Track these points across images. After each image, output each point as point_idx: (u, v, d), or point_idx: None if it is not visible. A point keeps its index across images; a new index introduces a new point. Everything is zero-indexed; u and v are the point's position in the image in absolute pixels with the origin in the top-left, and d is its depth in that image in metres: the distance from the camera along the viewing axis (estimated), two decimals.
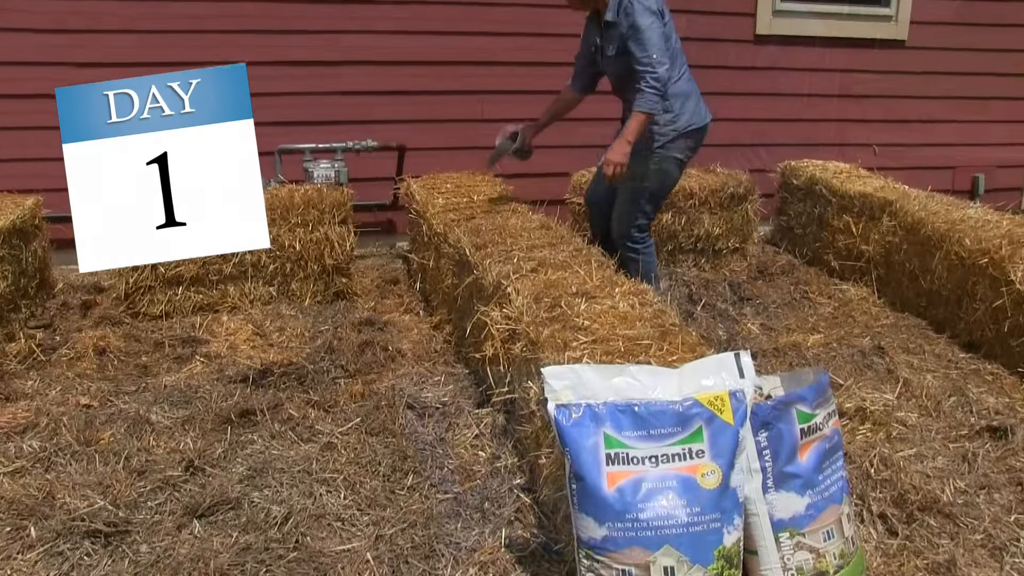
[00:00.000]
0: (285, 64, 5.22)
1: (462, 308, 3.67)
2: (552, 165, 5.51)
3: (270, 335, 3.99)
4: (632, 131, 3.56)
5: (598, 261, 3.22)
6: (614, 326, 2.58)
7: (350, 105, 5.39)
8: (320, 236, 4.38)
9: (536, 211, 4.14)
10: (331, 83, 5.34)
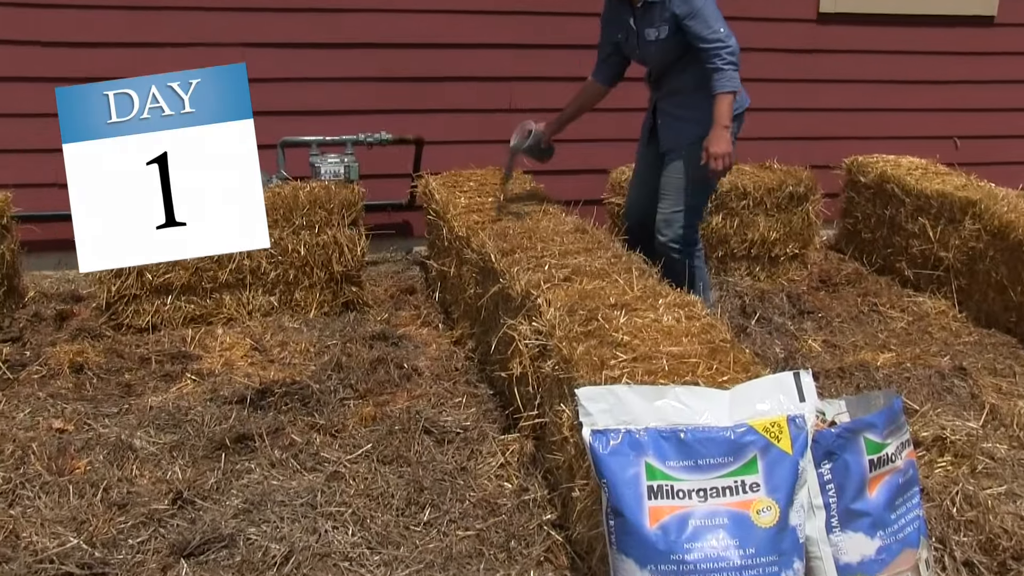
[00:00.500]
0: (288, 46, 5.27)
1: (486, 321, 3.66)
2: (588, 160, 5.51)
3: (270, 350, 4.01)
4: (725, 115, 3.67)
5: (639, 269, 3.21)
6: (657, 342, 2.57)
7: (362, 93, 5.42)
8: (328, 239, 4.40)
9: (570, 212, 4.13)
10: (341, 68, 5.38)
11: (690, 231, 3.93)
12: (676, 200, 3.90)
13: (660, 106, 3.98)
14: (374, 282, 4.99)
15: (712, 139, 3.68)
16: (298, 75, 5.27)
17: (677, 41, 3.74)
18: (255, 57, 5.20)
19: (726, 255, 5.11)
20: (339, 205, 4.40)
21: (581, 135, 5.25)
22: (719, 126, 3.68)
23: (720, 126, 3.67)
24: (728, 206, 5.02)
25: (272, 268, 4.38)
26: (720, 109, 3.66)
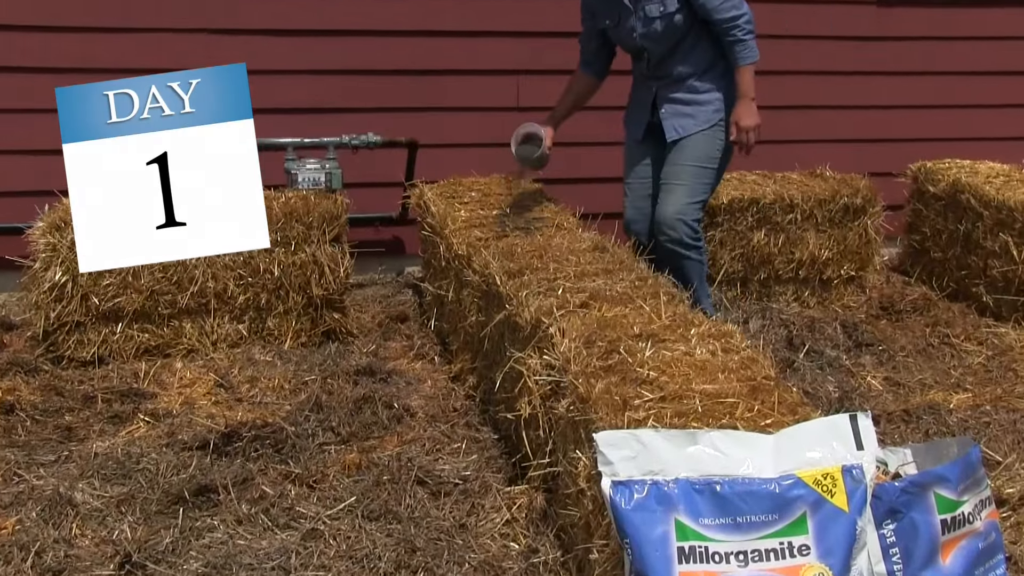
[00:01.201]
0: (259, 33, 5.31)
1: (490, 354, 3.67)
2: (605, 166, 5.52)
3: (238, 387, 4.01)
4: (751, 86, 4.01)
5: (668, 294, 3.21)
6: (689, 379, 2.56)
7: (346, 87, 5.45)
8: (306, 258, 4.42)
9: (587, 227, 4.14)
10: (322, 58, 5.41)
11: (700, 220, 4.14)
12: (690, 190, 4.07)
13: (664, 95, 4.14)
14: (360, 308, 4.99)
15: (741, 112, 3.99)
16: (271, 66, 5.30)
17: (684, 16, 3.97)
18: (221, 45, 5.25)
19: (769, 277, 5.10)
20: (319, 218, 4.42)
21: (599, 136, 5.27)
22: (746, 98, 4.00)
23: (747, 98, 4.00)
24: (772, 220, 5.02)
25: (241, 291, 4.39)
26: (745, 81, 3.99)
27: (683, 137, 4.11)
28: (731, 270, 5.02)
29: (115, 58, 5.14)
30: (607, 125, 4.89)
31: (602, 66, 4.37)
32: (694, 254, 4.11)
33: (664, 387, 2.52)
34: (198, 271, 4.29)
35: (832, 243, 5.09)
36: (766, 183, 5.21)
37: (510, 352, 3.26)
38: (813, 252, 5.07)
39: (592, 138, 5.36)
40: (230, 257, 4.31)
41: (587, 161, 5.58)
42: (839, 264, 5.13)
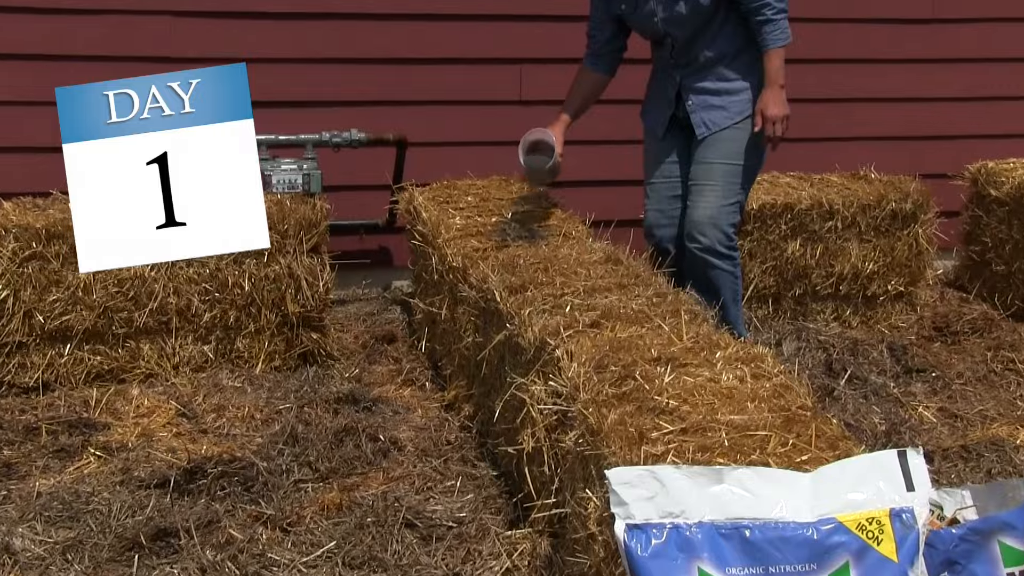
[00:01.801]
0: (228, 16, 5.32)
1: (488, 379, 3.66)
2: (618, 167, 5.52)
3: (203, 417, 4.01)
4: (780, 72, 4.03)
5: (690, 311, 3.21)
6: (714, 408, 2.56)
7: (327, 77, 5.46)
8: (280, 271, 4.42)
9: (599, 237, 4.14)
10: (299, 44, 5.41)
11: (736, 227, 4.13)
12: (723, 191, 4.07)
13: (689, 85, 4.14)
14: (341, 327, 4.99)
15: (768, 100, 3.99)
16: (241, 53, 5.25)
17: (706, 2, 3.98)
18: (185, 29, 5.26)
19: (805, 293, 5.10)
20: (295, 226, 4.42)
21: (610, 135, 5.27)
22: (774, 85, 4.01)
23: (776, 85, 4.00)
24: (808, 228, 5.02)
25: (206, 308, 4.39)
26: (774, 66, 4.00)
27: (714, 132, 4.12)
28: (762, 285, 5.02)
29: (71, 44, 5.15)
30: (620, 120, 4.89)
31: (613, 61, 4.36)
32: (726, 264, 4.10)
33: (686, 418, 2.51)
34: (158, 285, 4.28)
35: (878, 254, 5.09)
36: (802, 186, 5.21)
37: (511, 378, 3.26)
38: (856, 265, 5.07)
39: (603, 136, 5.36)
40: (194, 269, 4.32)
41: (598, 162, 5.58)
42: (886, 278, 5.12)
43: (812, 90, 5.73)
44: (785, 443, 2.40)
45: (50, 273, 4.20)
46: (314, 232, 4.46)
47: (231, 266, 4.38)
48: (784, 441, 2.40)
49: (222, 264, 4.37)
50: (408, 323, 5.12)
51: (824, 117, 5.89)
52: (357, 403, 4.08)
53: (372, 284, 5.69)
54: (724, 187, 4.08)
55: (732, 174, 4.10)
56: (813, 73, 5.74)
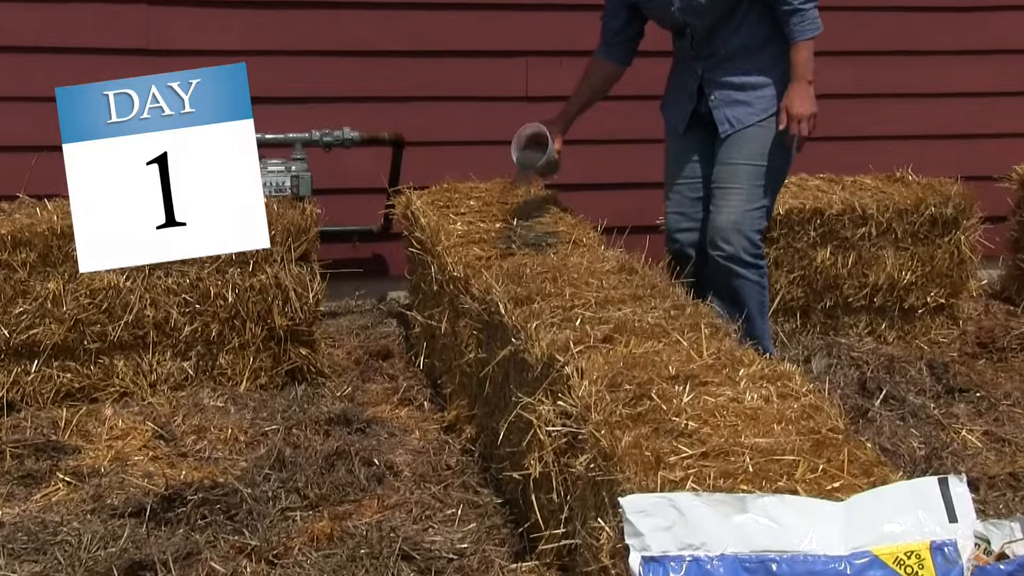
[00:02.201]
0: (210, 5, 5.33)
1: (492, 399, 3.66)
2: (633, 168, 5.53)
3: (182, 439, 4.01)
4: (807, 67, 4.03)
5: (711, 325, 3.21)
6: (737, 430, 2.55)
7: (317, 71, 5.47)
8: (266, 281, 4.42)
9: (612, 244, 4.13)
10: (287, 35, 5.42)
11: (762, 233, 4.13)
12: (749, 194, 4.07)
13: (712, 78, 4.14)
14: (333, 342, 4.99)
15: (793, 97, 3.99)
16: (225, 45, 5.31)
17: None
18: (162, 18, 5.28)
19: (837, 305, 5.10)
20: (283, 232, 4.42)
21: (625, 133, 5.27)
22: (801, 81, 4.01)
23: (803, 80, 4.01)
24: (840, 235, 5.01)
25: (186, 321, 4.40)
26: (801, 59, 4.00)
27: (738, 130, 4.12)
28: (789, 297, 5.02)
29: (36, 35, 5.17)
30: (637, 117, 4.90)
31: (627, 51, 4.37)
32: (752, 273, 4.11)
33: (706, 441, 2.51)
34: (133, 296, 4.29)
35: (916, 263, 5.08)
36: (832, 189, 5.21)
37: (517, 397, 3.25)
38: (892, 275, 5.06)
39: (618, 134, 5.37)
40: (173, 279, 4.32)
41: (612, 162, 5.59)
42: (925, 289, 5.12)
43: (844, 85, 5.73)
44: (815, 469, 2.39)
45: (16, 283, 4.22)
46: (303, 239, 4.46)
47: (213, 276, 4.38)
48: (814, 467, 2.40)
49: (203, 274, 4.37)
50: (405, 338, 5.12)
51: (856, 114, 5.90)
52: (350, 424, 4.08)
53: (366, 295, 5.69)
54: (749, 190, 4.08)
55: (758, 176, 4.10)
56: (845, 66, 5.75)
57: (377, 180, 5.41)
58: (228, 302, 4.40)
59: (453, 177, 5.07)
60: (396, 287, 5.65)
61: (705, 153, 4.24)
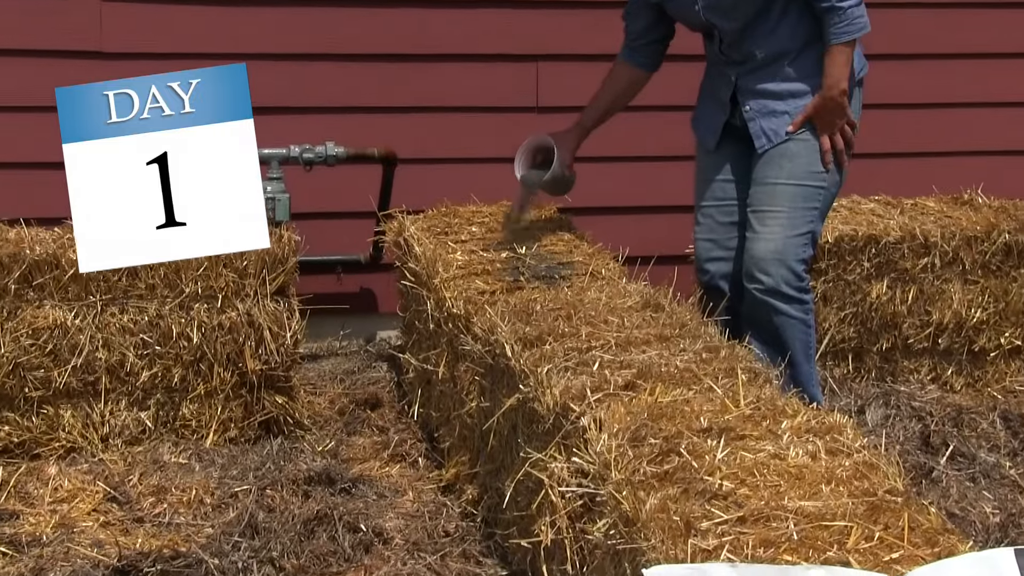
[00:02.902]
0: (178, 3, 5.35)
1: (497, 454, 3.66)
2: (659, 191, 5.54)
3: (139, 502, 4.00)
4: (842, 74, 4.01)
5: (749, 370, 3.20)
6: (779, 492, 2.55)
7: (296, 77, 5.48)
8: (237, 318, 4.43)
9: (635, 276, 4.13)
10: (264, 36, 5.45)
11: (807, 263, 4.11)
12: (791, 219, 4.06)
13: (747, 86, 4.14)
14: (314, 388, 4.99)
15: (823, 108, 4.00)
16: (192, 48, 5.34)
17: None
18: (117, 17, 5.30)
19: (895, 347, 5.10)
20: (257, 262, 4.43)
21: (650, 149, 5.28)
22: (834, 90, 3.99)
23: (837, 90, 4.00)
24: (898, 267, 5.01)
25: (144, 365, 4.40)
26: (834, 65, 3.99)
27: (776, 144, 4.12)
28: (840, 337, 5.01)
29: None
30: (665, 131, 4.91)
31: (654, 54, 4.38)
32: (795, 309, 4.09)
33: (744, 503, 2.51)
34: (83, 336, 4.30)
35: (987, 299, 5.08)
36: (889, 213, 5.20)
37: (525, 452, 3.25)
38: (959, 312, 5.06)
39: (642, 150, 5.38)
40: (129, 316, 4.33)
41: (636, 183, 5.59)
42: (998, 329, 5.12)
43: (903, 93, 5.75)
44: (870, 537, 2.39)
45: None
46: (280, 271, 4.46)
47: (176, 312, 4.39)
48: (868, 534, 2.39)
49: (164, 310, 4.38)
50: (397, 384, 5.12)
51: (918, 126, 5.90)
52: (333, 484, 4.07)
53: (352, 335, 5.70)
54: (792, 214, 4.07)
55: (802, 197, 4.08)
56: (905, 71, 5.76)
57: (365, 203, 5.42)
58: (193, 343, 4.41)
59: (452, 199, 5.07)
60: (387, 326, 5.65)
61: (740, 171, 4.24)
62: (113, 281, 4.33)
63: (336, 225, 5.47)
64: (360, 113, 5.51)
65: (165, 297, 4.39)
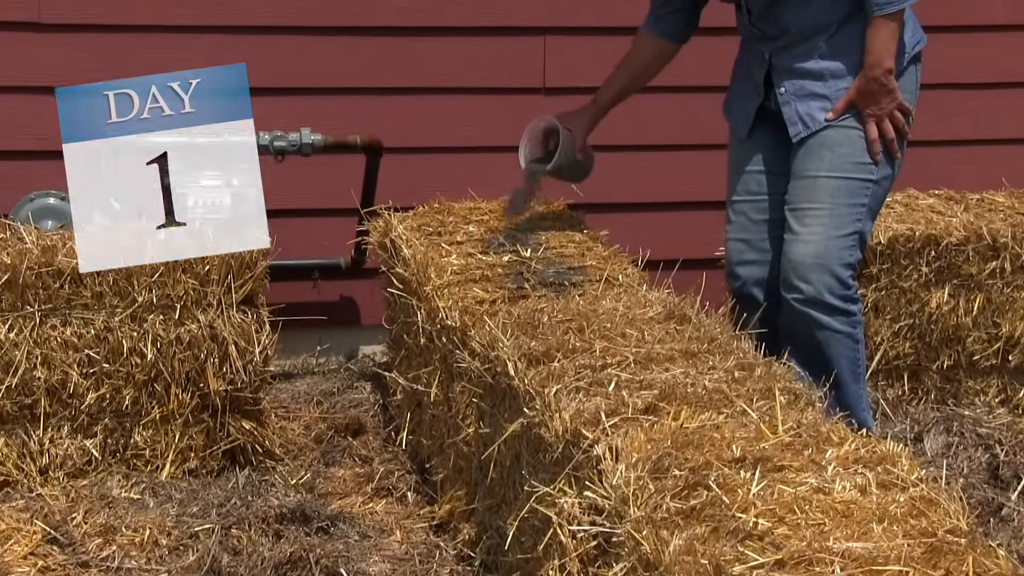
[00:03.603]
0: None
1: (498, 488, 3.67)
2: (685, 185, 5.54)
3: (84, 544, 3.99)
4: (886, 50, 3.99)
5: (788, 391, 3.20)
6: (824, 531, 2.55)
7: (266, 54, 5.50)
8: (198, 332, 4.43)
9: (658, 283, 4.13)
10: (225, 7, 5.45)
11: (854, 268, 4.09)
12: (837, 218, 4.05)
13: (781, 64, 4.13)
14: (286, 412, 5.00)
15: (865, 91, 3.98)
16: (147, 20, 5.36)
17: None
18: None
19: (958, 365, 5.10)
20: (221, 267, 4.43)
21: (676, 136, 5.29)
22: (877, 69, 3.97)
23: (881, 69, 3.97)
24: (962, 271, 5.02)
25: (91, 385, 4.40)
26: (876, 40, 3.98)
27: (815, 132, 4.11)
28: (893, 353, 5.01)
29: None
30: (692, 116, 4.92)
31: (682, 24, 4.37)
32: (841, 322, 4.09)
33: (782, 545, 2.51)
34: (19, 352, 4.30)
35: None
36: (951, 210, 5.20)
37: (531, 486, 3.25)
38: None
39: (666, 138, 5.39)
40: (72, 329, 4.32)
41: (658, 176, 5.60)
42: None
43: (967, 70, 5.75)
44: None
45: None
46: (247, 276, 4.46)
47: (126, 325, 4.38)
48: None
49: (114, 322, 4.37)
50: (382, 407, 5.12)
51: (984, 109, 5.91)
52: (308, 523, 4.08)
53: (331, 351, 5.72)
54: (835, 211, 4.06)
55: (846, 192, 4.07)
56: (969, 45, 5.76)
57: (346, 198, 5.43)
58: (146, 360, 4.40)
59: (447, 195, 5.08)
60: (370, 340, 5.67)
61: (777, 163, 4.23)
62: (54, 289, 4.31)
63: (312, 224, 5.48)
64: (340, 95, 5.52)
65: (115, 307, 4.38)
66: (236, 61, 5.42)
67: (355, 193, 5.42)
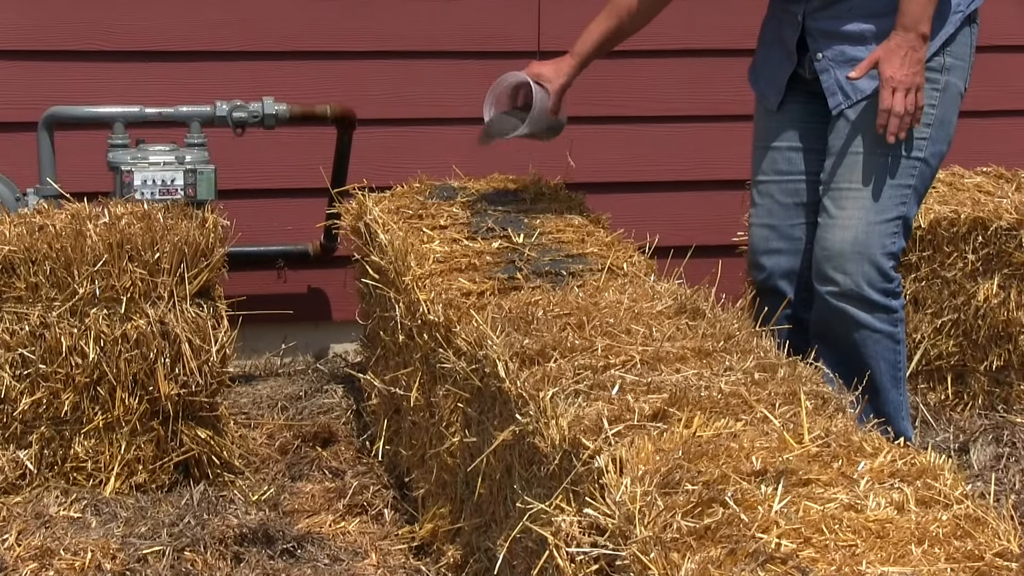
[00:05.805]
0: None
1: (487, 505, 3.67)
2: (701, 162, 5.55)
3: (17, 569, 3.99)
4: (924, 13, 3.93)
5: (816, 394, 3.21)
6: (856, 553, 2.55)
7: (226, 14, 5.49)
8: (146, 328, 4.43)
9: (667, 273, 4.13)
10: None
11: (894, 265, 4.06)
12: (877, 199, 4.03)
13: (816, 27, 4.10)
14: (247, 419, 5.01)
15: (892, 54, 3.90)
16: None
17: None
18: None
19: (1008, 366, 5.12)
20: (173, 254, 4.43)
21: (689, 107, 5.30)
22: (908, 32, 3.93)
23: (910, 32, 3.93)
24: (1012, 259, 5.02)
25: (25, 388, 4.41)
26: (913, 3, 3.92)
27: (857, 102, 4.09)
28: (936, 353, 5.02)
29: None
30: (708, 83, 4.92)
31: None
32: (881, 320, 4.08)
33: (809, 569, 2.51)
34: None
35: None
36: (1001, 190, 5.20)
37: (524, 502, 3.25)
38: None
39: (676, 108, 5.40)
40: (3, 326, 4.31)
41: (668, 150, 5.61)
42: None
43: (1019, 31, 5.75)
44: None
45: None
46: (203, 265, 4.47)
47: (65, 320, 4.38)
48: None
49: (50, 318, 4.37)
50: (356, 413, 5.13)
51: None
52: (272, 544, 4.08)
53: (298, 349, 5.72)
54: (877, 193, 4.04)
55: (890, 172, 4.04)
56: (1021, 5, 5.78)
57: (314, 176, 5.43)
58: (88, 360, 4.40)
59: (428, 172, 5.09)
60: (342, 337, 5.68)
61: (810, 138, 4.21)
62: None
63: (276, 206, 5.49)
64: (308, 60, 5.52)
65: (52, 300, 4.38)
66: (193, 21, 5.48)
67: (325, 171, 5.42)
